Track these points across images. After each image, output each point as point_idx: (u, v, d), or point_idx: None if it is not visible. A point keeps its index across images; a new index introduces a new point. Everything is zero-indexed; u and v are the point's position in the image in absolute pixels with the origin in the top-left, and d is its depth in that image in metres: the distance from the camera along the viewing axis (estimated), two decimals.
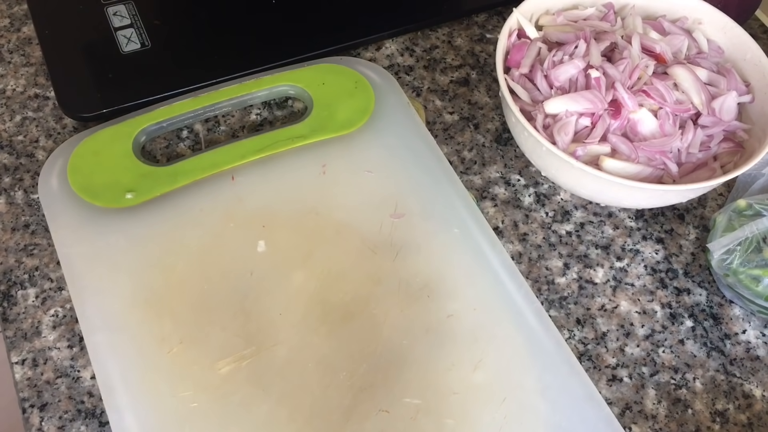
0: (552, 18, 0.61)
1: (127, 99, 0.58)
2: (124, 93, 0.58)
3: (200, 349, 0.46)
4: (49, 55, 0.60)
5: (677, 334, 0.52)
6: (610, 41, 0.57)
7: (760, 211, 0.51)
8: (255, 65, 0.61)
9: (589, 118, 0.54)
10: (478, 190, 0.58)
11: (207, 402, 0.44)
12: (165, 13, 0.66)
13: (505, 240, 0.56)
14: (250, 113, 0.60)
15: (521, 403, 0.46)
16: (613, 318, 0.53)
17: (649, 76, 0.55)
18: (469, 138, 0.61)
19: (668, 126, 0.54)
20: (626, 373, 0.50)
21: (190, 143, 0.58)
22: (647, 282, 0.55)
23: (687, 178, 0.53)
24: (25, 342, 0.48)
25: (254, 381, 0.45)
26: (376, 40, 0.66)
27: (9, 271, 0.51)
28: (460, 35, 0.68)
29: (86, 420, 0.45)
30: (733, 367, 0.51)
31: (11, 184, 0.55)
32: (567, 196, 0.58)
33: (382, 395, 0.45)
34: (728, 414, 0.49)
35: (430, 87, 0.64)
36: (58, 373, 0.47)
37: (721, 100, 0.55)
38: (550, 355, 0.48)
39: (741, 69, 0.59)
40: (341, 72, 0.60)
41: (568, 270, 0.55)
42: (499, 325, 0.48)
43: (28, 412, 0.45)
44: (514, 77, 0.57)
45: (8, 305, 0.49)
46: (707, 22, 0.61)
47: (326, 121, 0.57)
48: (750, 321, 0.54)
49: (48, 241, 0.52)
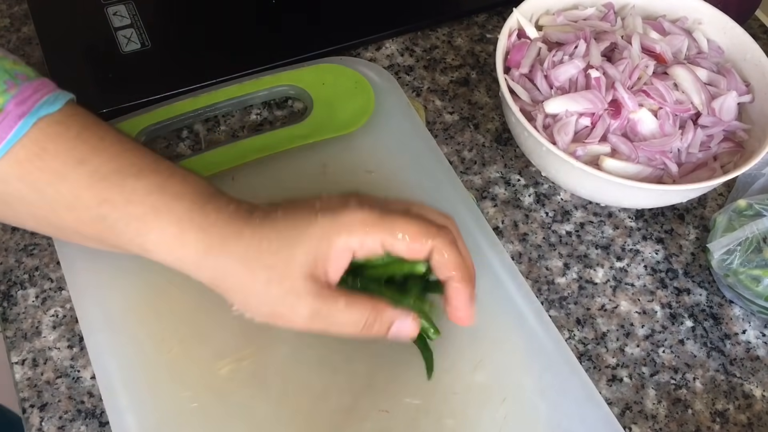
0: (552, 18, 0.61)
1: (127, 99, 0.58)
2: (124, 93, 0.58)
3: (200, 349, 0.46)
4: (49, 55, 0.60)
5: (677, 334, 0.52)
6: (610, 41, 0.57)
7: (761, 211, 0.51)
8: (255, 65, 0.61)
9: (589, 118, 0.54)
10: (478, 190, 0.58)
11: (207, 402, 0.44)
12: (165, 13, 0.66)
13: (505, 240, 0.56)
14: (250, 113, 0.60)
15: (521, 403, 0.46)
16: (613, 318, 0.53)
17: (649, 76, 0.55)
18: (469, 138, 0.61)
19: (668, 126, 0.54)
20: (626, 373, 0.50)
21: (190, 143, 0.58)
22: (647, 282, 0.55)
23: (687, 178, 0.53)
24: (25, 342, 0.48)
25: (254, 381, 0.45)
26: (376, 40, 0.66)
27: (9, 271, 0.51)
28: (460, 35, 0.68)
29: (86, 420, 0.45)
30: (733, 367, 0.51)
31: None
32: (567, 196, 0.58)
33: (382, 395, 0.45)
34: (728, 414, 0.49)
35: (430, 87, 0.64)
36: (58, 373, 0.47)
37: (721, 100, 0.55)
38: (550, 355, 0.48)
39: (741, 69, 0.59)
40: (341, 72, 0.60)
41: (568, 270, 0.55)
42: (499, 325, 0.48)
43: (28, 412, 0.45)
44: (514, 77, 0.57)
45: (8, 305, 0.49)
46: (707, 22, 0.61)
47: (326, 121, 0.57)
48: (750, 321, 0.54)
49: (48, 241, 0.52)
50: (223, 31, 0.65)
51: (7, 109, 0.36)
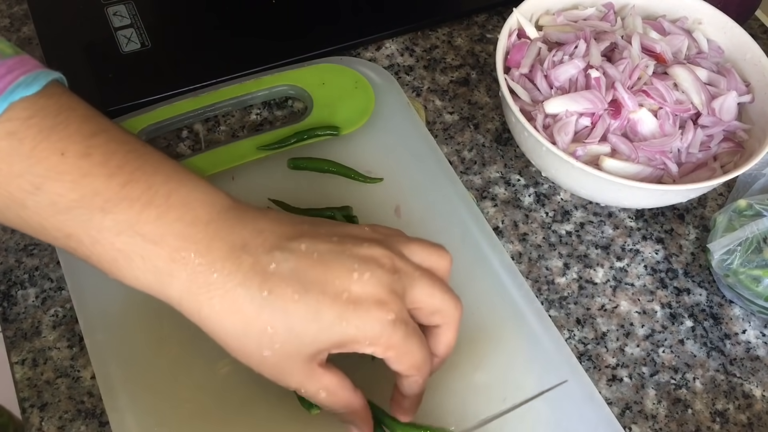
0: (552, 18, 0.61)
1: (127, 99, 0.58)
2: (124, 93, 0.58)
3: (200, 349, 0.46)
4: (49, 55, 0.60)
5: (677, 334, 0.52)
6: (610, 41, 0.57)
7: (761, 211, 0.51)
8: (255, 65, 0.61)
9: (589, 118, 0.54)
10: (478, 190, 0.58)
11: (207, 402, 0.44)
12: (165, 13, 0.66)
13: (505, 240, 0.56)
14: (250, 113, 0.60)
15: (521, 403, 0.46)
16: (613, 318, 0.53)
17: (649, 76, 0.55)
18: (469, 138, 0.61)
19: (668, 126, 0.54)
20: (626, 373, 0.50)
21: (190, 143, 0.58)
22: (647, 282, 0.55)
23: (687, 178, 0.53)
24: (25, 342, 0.48)
25: (254, 381, 0.45)
26: (376, 40, 0.66)
27: (9, 271, 0.51)
28: (460, 35, 0.68)
29: (86, 420, 0.45)
30: (733, 367, 0.51)
31: None
32: (567, 196, 0.58)
33: (383, 395, 0.45)
34: (728, 414, 0.49)
35: (430, 87, 0.64)
36: (58, 373, 0.47)
37: (721, 100, 0.55)
38: (550, 355, 0.48)
39: (741, 69, 0.59)
40: (341, 72, 0.60)
41: (568, 270, 0.55)
42: (499, 325, 0.48)
43: (28, 412, 0.45)
44: (514, 77, 0.57)
45: (8, 305, 0.49)
46: (707, 22, 0.61)
47: (326, 121, 0.57)
48: (750, 321, 0.54)
49: None
50: (223, 31, 0.65)
51: None
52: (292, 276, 0.34)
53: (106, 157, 0.33)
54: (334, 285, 0.35)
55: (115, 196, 0.32)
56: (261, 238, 0.35)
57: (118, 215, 0.32)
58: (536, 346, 0.48)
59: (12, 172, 0.32)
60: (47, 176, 0.32)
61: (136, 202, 0.33)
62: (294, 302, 0.34)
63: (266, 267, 0.34)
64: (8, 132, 0.31)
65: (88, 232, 0.33)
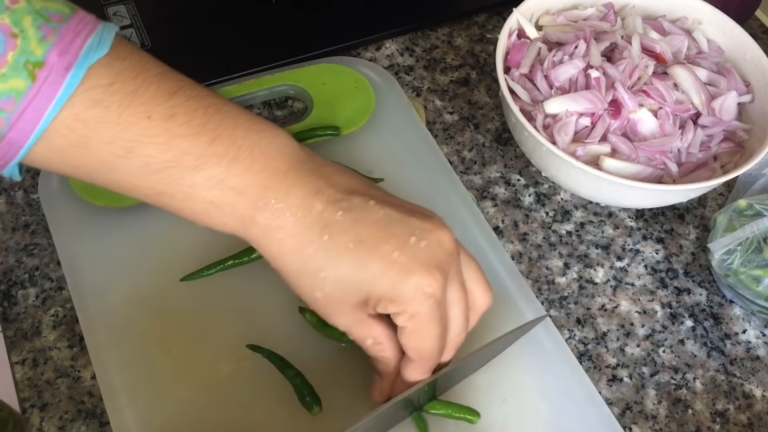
0: (552, 18, 0.61)
1: None
2: None
3: (200, 349, 0.46)
4: None
5: (677, 334, 0.52)
6: (610, 41, 0.57)
7: (761, 211, 0.51)
8: (255, 65, 0.61)
9: (589, 118, 0.54)
10: (478, 190, 0.58)
11: (207, 402, 0.44)
12: (165, 13, 0.66)
13: (505, 240, 0.56)
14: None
15: (521, 403, 0.46)
16: (614, 318, 0.53)
17: (649, 76, 0.55)
18: (469, 138, 0.61)
19: (668, 126, 0.54)
20: (626, 373, 0.50)
21: None
22: (647, 282, 0.55)
23: (687, 178, 0.53)
24: (25, 342, 0.48)
25: (254, 381, 0.45)
26: (376, 40, 0.66)
27: (9, 271, 0.51)
28: (460, 35, 0.68)
29: (86, 420, 0.45)
30: (733, 367, 0.51)
31: (11, 184, 0.55)
32: (567, 196, 0.58)
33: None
34: (728, 414, 0.49)
35: (430, 87, 0.64)
36: (59, 373, 0.47)
37: (721, 100, 0.55)
38: (550, 355, 0.48)
39: (741, 69, 0.59)
40: (341, 72, 0.60)
41: (568, 270, 0.55)
42: (500, 325, 0.48)
43: (28, 412, 0.45)
44: (514, 77, 0.57)
45: (8, 305, 0.49)
46: (707, 22, 0.61)
47: (326, 121, 0.57)
48: (750, 321, 0.54)
49: (48, 240, 0.52)
50: (223, 31, 0.65)
51: (50, 61, 0.31)
52: (353, 227, 0.37)
53: (189, 116, 0.35)
54: (389, 243, 0.37)
55: (204, 154, 0.34)
56: (333, 189, 0.37)
57: (209, 171, 0.35)
58: (536, 346, 0.48)
59: (102, 139, 0.33)
60: (138, 140, 0.33)
61: (223, 158, 0.35)
62: (347, 251, 0.36)
63: (333, 215, 0.37)
64: (94, 101, 0.32)
65: (181, 188, 0.35)
